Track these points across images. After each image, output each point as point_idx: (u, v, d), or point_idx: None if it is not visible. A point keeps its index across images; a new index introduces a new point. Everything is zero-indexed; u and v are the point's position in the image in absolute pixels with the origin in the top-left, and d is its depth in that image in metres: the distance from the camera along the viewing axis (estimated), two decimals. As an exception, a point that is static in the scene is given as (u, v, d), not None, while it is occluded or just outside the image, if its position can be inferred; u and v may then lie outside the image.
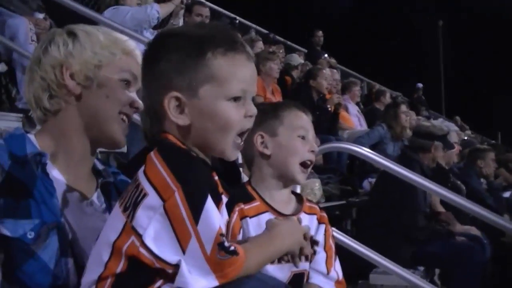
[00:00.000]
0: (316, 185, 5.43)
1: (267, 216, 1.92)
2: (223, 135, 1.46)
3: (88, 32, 1.72)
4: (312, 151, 2.02)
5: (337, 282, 2.01)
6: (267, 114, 2.03)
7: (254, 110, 1.50)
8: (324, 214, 2.08)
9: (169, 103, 1.43)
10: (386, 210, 4.63)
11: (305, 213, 2.02)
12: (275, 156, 2.01)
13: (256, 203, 1.97)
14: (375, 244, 3.77)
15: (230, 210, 1.84)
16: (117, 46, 1.72)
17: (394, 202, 4.57)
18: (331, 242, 2.04)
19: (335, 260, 2.03)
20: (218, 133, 1.45)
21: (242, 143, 1.52)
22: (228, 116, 1.44)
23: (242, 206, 1.93)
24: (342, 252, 3.52)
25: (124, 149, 4.60)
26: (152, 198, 1.35)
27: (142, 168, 1.42)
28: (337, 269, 2.02)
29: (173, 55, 1.43)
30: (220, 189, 1.44)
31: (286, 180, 2.02)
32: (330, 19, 23.70)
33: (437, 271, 5.32)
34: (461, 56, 27.81)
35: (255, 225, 1.90)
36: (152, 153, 1.42)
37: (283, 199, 2.02)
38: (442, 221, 5.01)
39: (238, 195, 1.93)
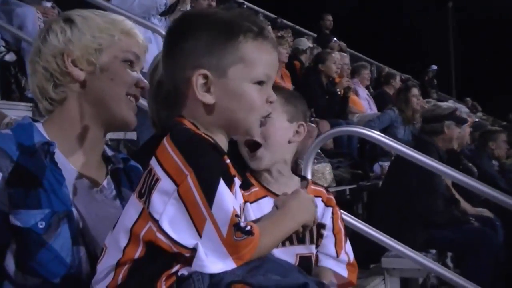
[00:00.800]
0: (326, 169, 5.42)
1: (267, 200, 1.91)
2: (247, 116, 1.48)
3: (84, 16, 1.70)
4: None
5: (349, 264, 1.98)
6: None
7: (274, 97, 1.53)
8: (331, 197, 2.04)
9: (197, 80, 1.44)
10: (402, 194, 4.62)
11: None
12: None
13: (255, 188, 1.96)
14: (387, 228, 3.77)
15: None
16: (115, 27, 1.71)
17: (411, 186, 4.55)
18: (340, 225, 2.01)
19: (345, 242, 2.00)
20: (241, 114, 1.48)
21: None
22: (253, 98, 1.47)
23: (242, 192, 1.91)
24: (354, 236, 3.53)
25: (134, 136, 4.62)
26: (165, 183, 1.36)
27: (155, 154, 1.43)
28: (347, 251, 1.99)
29: (204, 34, 1.45)
30: (232, 172, 1.44)
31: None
32: (338, 2, 23.54)
33: (449, 254, 5.33)
34: (471, 38, 27.59)
35: (256, 210, 1.89)
36: (165, 139, 1.43)
37: (283, 183, 1.98)
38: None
39: None
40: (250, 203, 1.91)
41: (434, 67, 14.87)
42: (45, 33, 1.70)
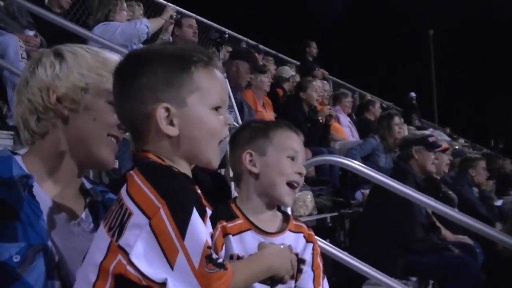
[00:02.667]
0: (308, 197, 5.45)
1: (250, 234, 1.93)
2: (209, 143, 1.52)
3: (75, 53, 1.71)
4: (300, 173, 2.02)
5: None
6: (257, 132, 2.04)
7: (231, 119, 1.58)
8: (312, 233, 2.07)
9: (160, 114, 1.46)
10: (381, 221, 4.64)
11: (291, 231, 2.01)
12: (263, 174, 2.00)
13: (239, 221, 1.96)
14: (368, 255, 3.78)
15: (212, 226, 1.85)
16: (105, 67, 1.71)
17: (389, 213, 4.58)
18: (319, 261, 2.03)
19: (323, 279, 2.02)
20: (204, 141, 1.51)
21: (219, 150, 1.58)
22: (213, 124, 1.51)
23: (225, 223, 1.92)
24: (335, 264, 3.55)
25: (116, 165, 4.61)
26: (137, 217, 1.36)
27: (124, 187, 1.44)
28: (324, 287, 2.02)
29: (159, 68, 1.47)
30: (204, 202, 1.45)
31: (273, 200, 2.02)
32: (321, 30, 23.80)
33: (430, 281, 5.34)
34: (452, 65, 27.96)
35: (238, 243, 1.90)
36: (132, 172, 1.44)
37: (267, 218, 2.01)
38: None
39: (220, 212, 1.93)
40: (233, 235, 1.92)
41: (413, 94, 15.03)
42: (34, 65, 1.70)
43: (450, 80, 28.34)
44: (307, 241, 2.03)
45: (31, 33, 5.12)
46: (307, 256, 2.00)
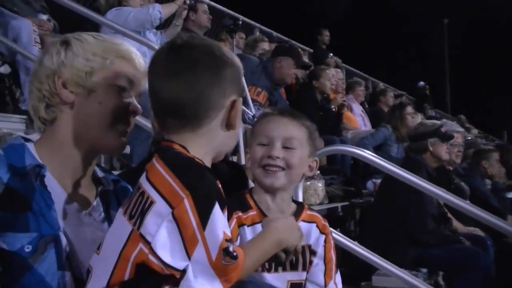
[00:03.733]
0: (319, 186, 5.43)
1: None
2: (234, 137, 1.62)
3: (82, 39, 1.71)
4: (269, 157, 1.97)
5: None
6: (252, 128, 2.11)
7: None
8: (326, 224, 2.05)
9: (237, 106, 1.54)
10: (392, 212, 4.62)
11: (304, 221, 2.01)
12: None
13: (253, 212, 1.97)
14: (379, 246, 3.77)
15: (228, 217, 1.85)
16: (110, 50, 1.71)
17: (401, 205, 4.55)
18: (332, 254, 2.02)
19: (335, 272, 2.01)
20: (234, 136, 1.60)
21: None
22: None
23: (240, 214, 1.93)
24: (345, 253, 3.54)
25: (128, 150, 4.61)
26: (160, 205, 1.37)
27: (144, 176, 1.44)
28: (337, 282, 2.01)
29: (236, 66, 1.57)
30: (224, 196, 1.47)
31: (262, 187, 2.01)
32: (334, 18, 23.66)
33: (441, 272, 5.32)
34: (467, 54, 27.73)
35: (252, 234, 1.90)
36: (154, 160, 1.44)
37: (279, 209, 2.00)
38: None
39: (236, 203, 1.94)
40: (247, 226, 1.93)
41: (422, 83, 14.85)
42: (43, 55, 1.72)
43: (464, 70, 28.14)
44: (321, 232, 2.02)
45: (44, 17, 5.11)
46: (319, 249, 1.99)
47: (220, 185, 1.45)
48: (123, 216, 1.45)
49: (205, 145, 1.51)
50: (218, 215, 1.38)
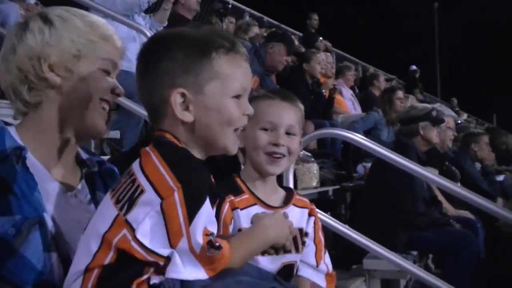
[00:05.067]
0: (314, 169, 5.44)
1: (256, 208, 1.93)
2: (225, 131, 1.51)
3: (64, 18, 1.66)
4: (275, 144, 1.97)
5: (327, 275, 2.03)
6: None
7: (251, 110, 1.57)
8: (314, 207, 2.08)
9: (175, 99, 1.46)
10: (383, 196, 4.63)
11: (295, 205, 2.02)
12: (246, 149, 2.00)
13: (245, 195, 1.96)
14: (370, 229, 3.77)
15: (221, 201, 1.85)
16: (95, 31, 1.67)
17: (391, 188, 4.56)
18: (321, 235, 2.05)
19: (324, 253, 2.04)
20: (219, 129, 1.50)
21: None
22: (231, 112, 1.51)
23: (233, 198, 1.92)
24: (336, 237, 3.55)
25: (118, 135, 4.59)
26: (150, 195, 1.37)
27: (137, 161, 1.44)
28: (326, 262, 2.04)
29: (178, 54, 1.47)
30: (216, 189, 1.48)
31: (262, 172, 1.99)
32: (324, 2, 23.59)
33: (430, 255, 5.36)
34: (456, 39, 27.77)
35: (246, 217, 1.90)
36: (148, 149, 1.44)
37: (268, 191, 2.01)
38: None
39: (227, 187, 1.94)
40: (241, 209, 1.92)
41: (413, 67, 14.89)
42: (21, 31, 1.65)
43: (455, 55, 28.21)
44: (310, 214, 2.05)
45: (32, 1, 5.08)
46: (310, 230, 2.02)
47: (212, 180, 1.46)
48: (110, 200, 1.44)
49: (186, 138, 1.49)
50: (207, 210, 1.39)
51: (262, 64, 6.34)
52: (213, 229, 1.43)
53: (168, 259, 1.36)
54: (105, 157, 2.21)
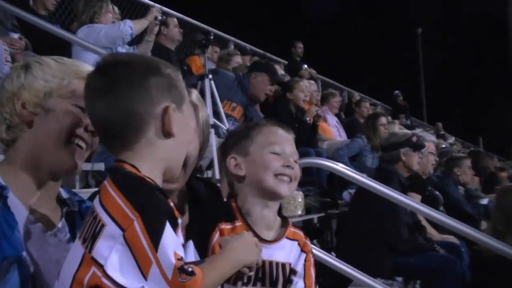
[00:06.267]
0: (299, 198, 5.46)
1: None
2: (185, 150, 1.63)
3: (41, 62, 1.75)
4: (288, 166, 1.97)
5: None
6: (239, 136, 2.04)
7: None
8: (308, 242, 2.04)
9: (170, 114, 1.50)
10: (367, 222, 4.66)
11: (288, 238, 1.99)
12: (249, 174, 1.97)
13: (238, 223, 1.93)
14: (355, 256, 3.80)
15: (212, 227, 1.87)
16: (69, 71, 1.74)
17: (375, 214, 4.59)
18: (312, 272, 2.01)
19: None
20: (183, 148, 1.59)
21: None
22: (191, 128, 1.63)
23: (223, 226, 1.90)
24: (321, 265, 3.56)
25: (102, 167, 4.59)
26: (111, 228, 1.37)
27: (97, 198, 1.44)
28: None
29: (149, 83, 1.52)
30: (176, 214, 1.47)
31: (268, 196, 1.97)
32: (309, 30, 23.83)
33: (418, 280, 5.36)
34: (441, 63, 28.06)
35: None
36: (106, 182, 1.44)
37: (266, 223, 1.97)
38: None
39: (221, 213, 1.93)
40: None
41: (397, 92, 15.04)
42: (3, 81, 1.76)
43: (439, 78, 28.47)
44: (302, 250, 2.00)
45: (16, 35, 5.10)
46: (299, 268, 1.97)
47: (171, 204, 1.46)
48: (78, 240, 1.45)
49: (149, 159, 1.49)
50: (170, 235, 1.38)
51: (246, 93, 6.39)
52: (182, 253, 1.42)
53: None
54: (91, 190, 2.23)
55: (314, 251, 3.30)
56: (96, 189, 3.82)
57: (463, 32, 28.62)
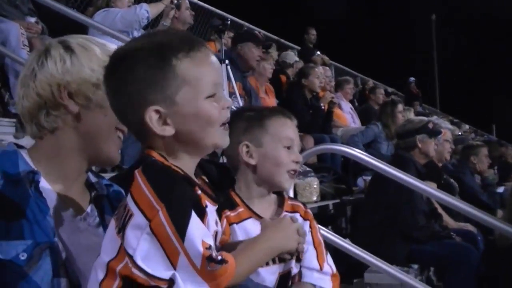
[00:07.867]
0: (314, 184, 5.46)
1: (251, 222, 1.96)
2: (209, 131, 1.47)
3: (85, 47, 1.68)
4: (297, 162, 2.05)
5: (332, 275, 2.02)
6: (252, 122, 2.05)
7: (229, 102, 1.52)
8: (309, 211, 2.09)
9: (150, 118, 1.42)
10: (383, 209, 4.64)
11: (288, 212, 2.03)
12: (261, 166, 2.02)
13: (240, 209, 1.99)
14: (371, 243, 3.78)
15: (219, 216, 1.87)
16: None
17: (391, 201, 4.58)
18: (319, 237, 2.05)
19: (326, 254, 2.04)
20: (203, 132, 1.47)
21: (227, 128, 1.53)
22: (210, 114, 1.46)
23: (228, 213, 1.95)
24: (336, 251, 3.55)
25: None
26: (138, 218, 1.37)
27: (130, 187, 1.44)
28: (329, 263, 2.03)
29: (140, 72, 1.42)
30: (204, 203, 1.46)
31: (273, 188, 2.05)
32: (322, 15, 23.68)
33: (432, 268, 5.35)
34: (454, 50, 27.84)
35: (242, 231, 1.93)
36: (136, 172, 1.42)
37: (266, 203, 2.04)
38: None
39: (222, 202, 1.93)
40: (236, 223, 1.95)
41: (412, 79, 14.95)
42: (43, 58, 1.66)
43: (453, 66, 28.25)
44: (304, 219, 2.05)
45: (32, 20, 5.11)
46: (306, 235, 1.98)
47: (198, 192, 1.45)
48: (114, 230, 1.44)
49: (172, 150, 1.47)
50: (196, 224, 1.37)
51: (238, 68, 6.34)
52: (211, 242, 1.40)
53: (172, 281, 1.35)
54: (106, 175, 2.23)
55: (331, 236, 3.34)
56: (113, 174, 3.85)
57: (478, 20, 28.34)
